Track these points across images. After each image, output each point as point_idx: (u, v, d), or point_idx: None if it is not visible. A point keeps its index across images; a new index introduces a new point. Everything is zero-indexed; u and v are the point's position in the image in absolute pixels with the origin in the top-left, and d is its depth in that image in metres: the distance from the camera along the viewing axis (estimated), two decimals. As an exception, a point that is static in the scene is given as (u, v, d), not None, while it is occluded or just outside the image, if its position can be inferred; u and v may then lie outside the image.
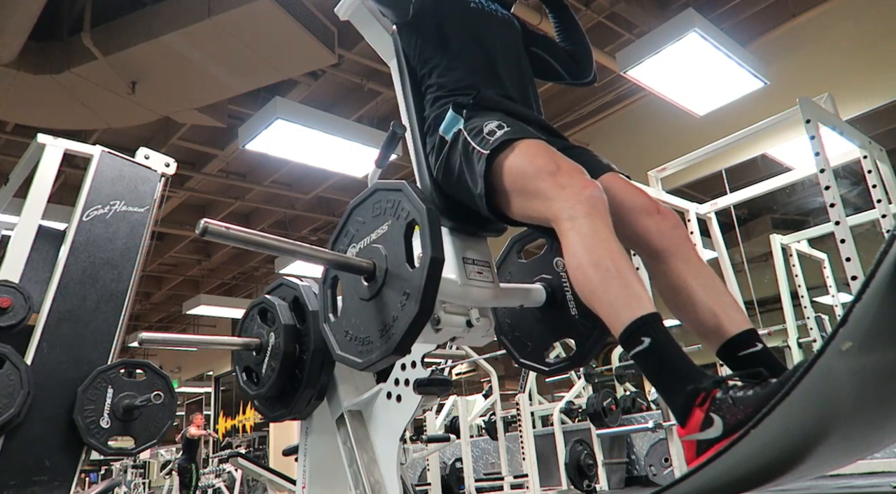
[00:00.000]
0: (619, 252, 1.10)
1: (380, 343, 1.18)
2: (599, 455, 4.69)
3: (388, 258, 1.20)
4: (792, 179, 3.72)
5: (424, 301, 1.12)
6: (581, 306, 1.52)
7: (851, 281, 2.46)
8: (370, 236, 1.27)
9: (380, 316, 1.20)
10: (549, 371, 1.62)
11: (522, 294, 1.54)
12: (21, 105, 4.89)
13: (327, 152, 5.34)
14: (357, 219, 1.32)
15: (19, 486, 2.10)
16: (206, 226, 1.01)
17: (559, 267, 1.57)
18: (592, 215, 1.13)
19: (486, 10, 1.61)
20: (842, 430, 0.93)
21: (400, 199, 1.22)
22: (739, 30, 5.02)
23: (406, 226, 1.18)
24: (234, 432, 11.55)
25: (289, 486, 4.15)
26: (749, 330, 1.16)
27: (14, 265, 2.35)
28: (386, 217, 1.24)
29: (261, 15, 4.11)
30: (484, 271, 1.43)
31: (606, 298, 1.07)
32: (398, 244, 1.19)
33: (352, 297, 1.28)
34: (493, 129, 1.32)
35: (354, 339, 1.25)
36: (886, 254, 0.72)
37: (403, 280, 1.16)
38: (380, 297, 1.20)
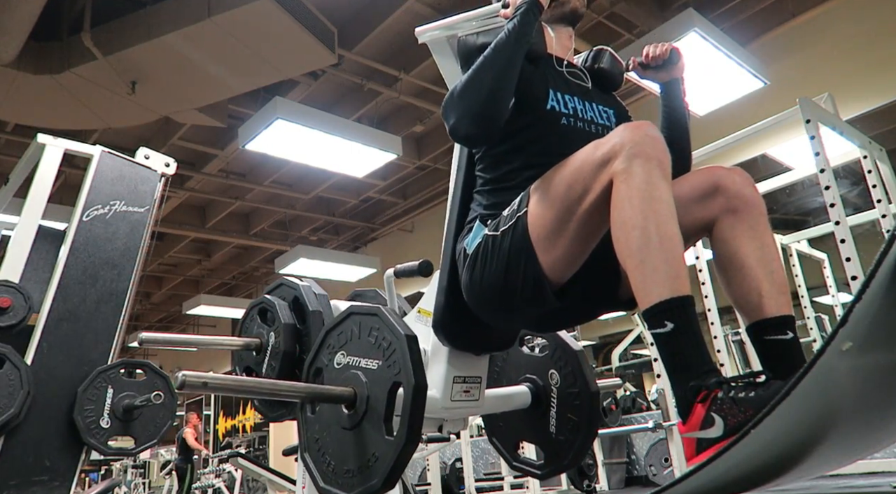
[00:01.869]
0: (668, 216, 1.03)
1: (365, 476, 1.12)
2: (599, 455, 4.69)
3: (368, 385, 1.16)
4: (792, 179, 3.72)
5: (410, 431, 1.07)
6: (561, 425, 1.55)
7: (851, 281, 2.46)
8: (350, 359, 1.22)
9: (362, 447, 1.14)
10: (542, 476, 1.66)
11: (506, 401, 1.56)
12: (21, 105, 4.88)
13: (327, 152, 5.34)
14: (330, 342, 1.27)
15: (19, 486, 2.10)
16: (183, 380, 1.00)
17: (552, 380, 1.59)
18: (651, 160, 1.04)
19: (579, 127, 1.35)
20: (842, 430, 0.93)
21: (378, 326, 1.17)
22: (739, 30, 5.02)
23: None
24: (234, 432, 11.54)
25: (289, 486, 4.15)
26: (787, 315, 1.13)
27: (14, 265, 2.35)
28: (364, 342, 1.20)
29: (261, 15, 4.11)
30: (472, 389, 1.40)
31: (642, 267, 1.02)
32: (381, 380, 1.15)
33: (332, 426, 1.22)
34: (512, 204, 1.23)
35: (337, 472, 1.19)
36: (886, 254, 0.72)
37: (385, 411, 1.12)
38: (360, 429, 1.15)
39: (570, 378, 1.58)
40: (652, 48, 1.42)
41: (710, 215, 1.21)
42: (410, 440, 1.07)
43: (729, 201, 1.19)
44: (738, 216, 1.18)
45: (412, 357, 1.09)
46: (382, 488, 1.09)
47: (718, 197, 1.20)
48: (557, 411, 1.55)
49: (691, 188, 1.22)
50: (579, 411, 1.55)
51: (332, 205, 8.10)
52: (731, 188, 1.20)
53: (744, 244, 1.17)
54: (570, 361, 1.59)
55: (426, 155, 6.81)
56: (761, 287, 1.14)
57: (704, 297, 3.49)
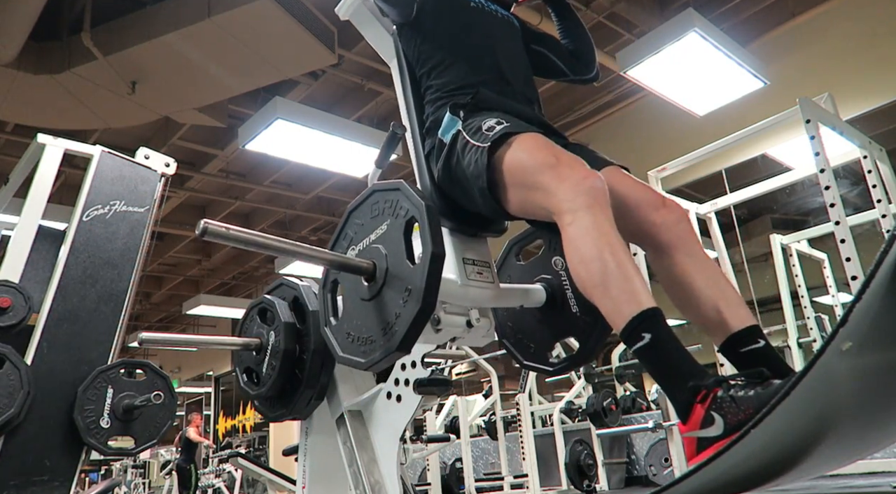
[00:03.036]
0: (619, 246, 1.10)
1: (382, 342, 1.18)
2: (599, 455, 4.69)
3: (388, 257, 1.20)
4: (792, 179, 3.72)
5: (426, 297, 1.11)
6: (582, 303, 1.52)
7: (851, 281, 2.46)
8: (369, 237, 1.26)
9: (381, 315, 1.19)
10: (553, 371, 1.62)
11: (522, 294, 1.53)
12: (21, 105, 4.89)
13: (327, 152, 5.34)
14: (356, 221, 1.32)
15: (19, 486, 2.10)
16: (205, 227, 1.00)
17: (558, 266, 1.56)
18: (593, 207, 1.12)
19: (486, 10, 1.61)
20: (842, 430, 0.93)
21: (398, 198, 1.21)
22: (739, 30, 5.02)
23: (405, 225, 1.18)
24: (234, 432, 11.54)
25: (289, 486, 4.15)
26: (752, 326, 1.17)
27: (14, 265, 2.35)
28: (385, 217, 1.24)
29: (261, 15, 4.11)
30: (484, 271, 1.43)
31: (607, 293, 1.07)
32: (398, 242, 1.19)
33: (352, 298, 1.28)
34: (491, 126, 1.33)
35: (356, 340, 1.24)
36: (886, 254, 0.72)
37: (404, 278, 1.16)
38: (381, 297, 1.20)
39: None
40: None
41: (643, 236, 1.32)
42: (428, 297, 1.10)
43: (664, 237, 1.29)
44: (675, 249, 1.28)
45: (431, 224, 1.13)
46: (398, 350, 1.14)
47: (654, 230, 1.30)
48: (574, 291, 1.51)
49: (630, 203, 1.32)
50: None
51: (332, 205, 8.10)
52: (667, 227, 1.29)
53: (688, 272, 1.25)
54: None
55: (426, 155, 6.80)
56: (718, 305, 1.20)
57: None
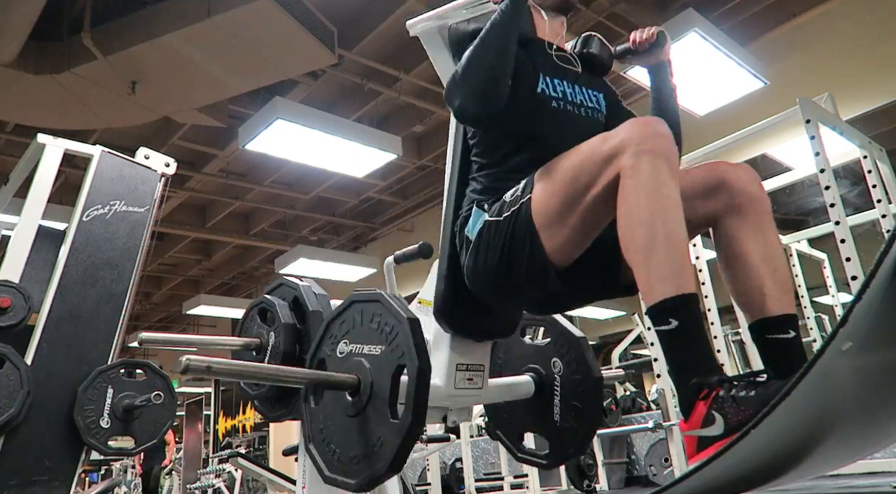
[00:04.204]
0: (674, 213, 1.02)
1: (369, 463, 1.12)
2: (599, 455, 4.69)
3: (372, 371, 1.15)
4: (792, 179, 3.72)
5: (414, 421, 1.07)
6: (565, 412, 1.53)
7: (851, 281, 2.46)
8: (351, 348, 1.22)
9: (366, 434, 1.14)
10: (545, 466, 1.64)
11: (509, 390, 1.55)
12: (21, 105, 4.88)
13: (327, 152, 5.34)
14: (333, 332, 1.27)
15: (19, 486, 2.10)
16: (187, 365, 0.98)
17: (555, 368, 1.57)
18: (658, 157, 1.04)
19: (569, 110, 1.36)
20: (842, 430, 0.93)
21: (380, 312, 1.17)
22: (739, 30, 5.02)
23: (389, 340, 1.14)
24: (234, 432, 11.54)
25: (289, 486, 4.15)
26: (790, 315, 1.13)
27: (14, 265, 2.35)
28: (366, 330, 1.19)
29: (261, 15, 4.11)
30: (475, 377, 1.40)
31: (647, 263, 1.02)
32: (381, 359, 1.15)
33: (336, 411, 1.22)
34: (515, 189, 1.24)
35: (342, 459, 1.19)
36: (886, 254, 0.72)
37: (391, 395, 1.11)
38: (365, 414, 1.15)
39: (573, 365, 1.57)
40: (639, 33, 1.44)
41: (713, 211, 1.20)
42: (415, 422, 1.07)
43: (733, 198, 1.18)
44: (742, 214, 1.18)
45: (415, 339, 1.09)
46: (388, 472, 1.09)
47: (722, 193, 1.19)
48: (561, 399, 1.53)
49: (695, 182, 1.21)
50: (583, 398, 1.53)
51: (332, 205, 8.10)
52: (737, 185, 1.19)
53: (748, 242, 1.16)
54: (573, 348, 1.58)
55: (426, 155, 6.81)
56: (764, 285, 1.13)
57: (704, 297, 3.49)
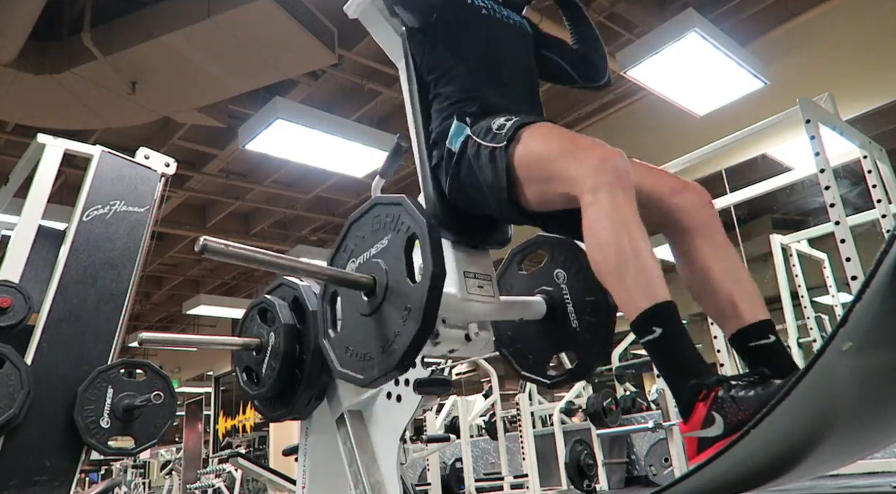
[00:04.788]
0: (638, 232, 1.07)
1: (381, 359, 1.16)
2: (599, 455, 4.69)
3: (388, 273, 1.18)
4: (792, 179, 3.71)
5: (426, 317, 1.09)
6: (582, 317, 1.51)
7: (851, 281, 2.46)
8: (370, 251, 1.25)
9: (380, 332, 1.17)
10: (550, 384, 1.61)
11: (522, 307, 1.53)
12: (21, 105, 4.88)
13: (327, 152, 5.34)
14: (356, 233, 1.30)
15: (19, 486, 2.10)
16: (205, 244, 0.99)
17: (560, 278, 1.55)
18: (615, 187, 1.09)
19: (497, 17, 1.56)
20: (842, 430, 0.93)
21: (399, 213, 1.20)
22: (739, 30, 5.01)
23: (406, 241, 1.16)
24: (234, 432, 11.54)
25: (289, 486, 4.15)
26: (765, 320, 1.15)
27: (14, 265, 2.35)
28: (385, 231, 1.22)
29: (261, 15, 4.11)
30: (485, 285, 1.41)
31: (622, 281, 1.06)
32: (398, 258, 1.17)
33: (351, 313, 1.26)
34: (501, 123, 1.31)
35: (355, 355, 1.23)
36: (886, 254, 0.72)
37: (404, 295, 1.14)
38: (380, 313, 1.18)
39: (575, 269, 1.54)
40: None
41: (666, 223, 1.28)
42: (427, 319, 1.09)
43: (687, 222, 1.26)
44: (696, 234, 1.24)
45: (432, 241, 1.11)
46: (397, 368, 1.13)
47: (677, 215, 1.26)
48: (574, 305, 1.51)
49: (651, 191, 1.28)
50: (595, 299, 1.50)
51: (332, 205, 8.10)
52: (690, 211, 1.26)
53: (707, 260, 1.22)
54: (571, 255, 1.56)
55: (426, 155, 6.80)
56: (733, 297, 1.18)
57: (704, 297, 3.48)
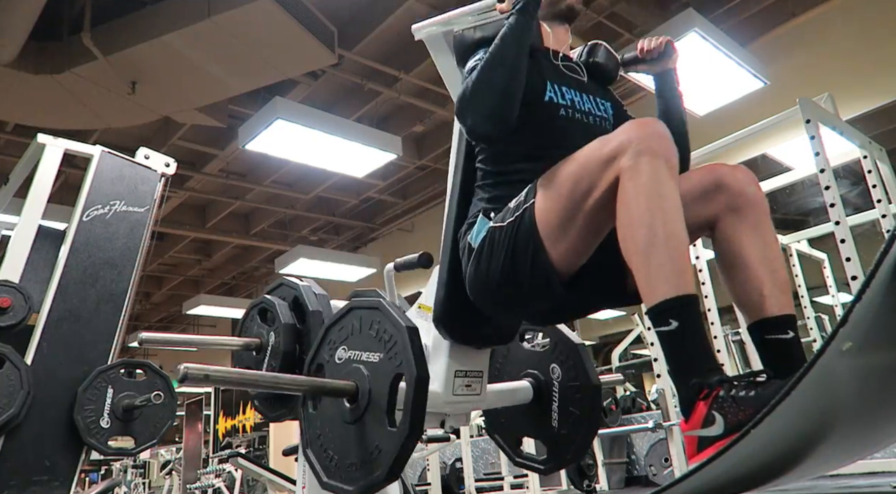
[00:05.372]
0: (674, 214, 1.03)
1: (367, 470, 1.12)
2: (599, 455, 4.69)
3: (370, 378, 1.16)
4: (792, 179, 3.72)
5: (413, 425, 1.07)
6: (564, 421, 1.53)
7: (851, 281, 2.46)
8: (350, 354, 1.22)
9: (364, 441, 1.14)
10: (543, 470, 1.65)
11: (507, 396, 1.55)
12: (21, 105, 4.88)
13: (327, 152, 5.34)
14: (331, 337, 1.27)
15: (19, 486, 2.10)
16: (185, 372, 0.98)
17: (553, 374, 1.58)
18: (657, 156, 1.04)
19: (576, 118, 1.35)
20: (842, 430, 0.93)
21: (379, 319, 1.17)
22: (739, 30, 5.01)
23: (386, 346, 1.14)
24: (234, 432, 11.54)
25: (289, 486, 4.15)
26: (789, 315, 1.13)
27: (14, 265, 2.35)
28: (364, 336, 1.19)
29: (261, 15, 4.11)
30: (473, 383, 1.40)
31: (647, 265, 1.02)
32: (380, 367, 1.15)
33: (333, 417, 1.22)
34: (519, 197, 1.23)
35: (340, 466, 1.19)
36: (886, 254, 0.72)
37: (388, 402, 1.12)
38: (363, 421, 1.15)
39: (572, 371, 1.57)
40: (647, 42, 1.44)
41: (712, 213, 1.21)
42: (413, 430, 1.07)
43: (731, 199, 1.19)
44: (740, 214, 1.18)
45: (413, 348, 1.09)
46: (386, 480, 1.09)
47: (721, 195, 1.19)
48: (559, 405, 1.54)
49: (693, 185, 1.21)
50: (581, 405, 1.54)
51: (332, 205, 8.09)
52: (734, 186, 1.19)
53: (746, 243, 1.16)
54: (572, 355, 1.58)
55: (426, 155, 6.81)
56: (763, 286, 1.13)
57: (705, 297, 3.49)
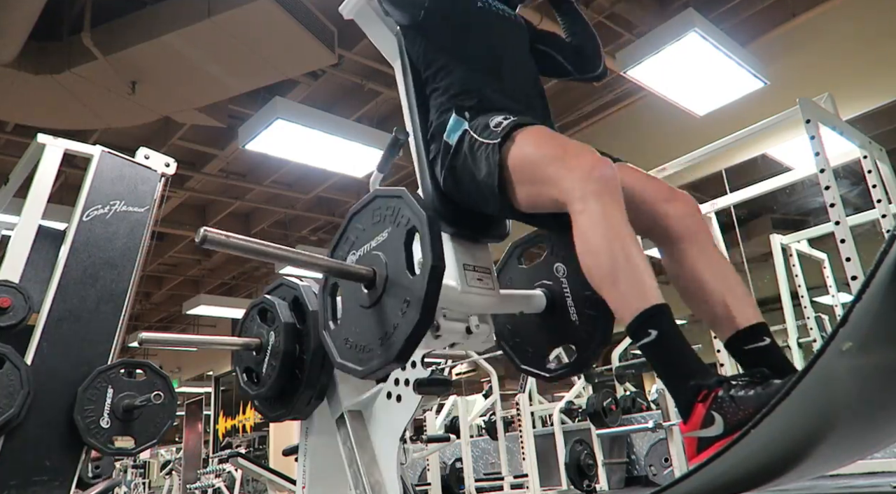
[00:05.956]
0: (629, 238, 1.09)
1: (380, 351, 1.17)
2: (599, 455, 4.69)
3: (388, 265, 1.19)
4: (792, 179, 3.71)
5: (425, 309, 1.10)
6: (582, 311, 1.51)
7: (851, 281, 2.46)
8: (370, 243, 1.25)
9: (380, 323, 1.18)
10: (549, 377, 1.62)
11: (522, 300, 1.53)
12: (21, 105, 4.88)
13: (327, 152, 5.34)
14: (357, 225, 1.31)
15: (19, 486, 2.10)
16: (205, 235, 0.99)
17: (559, 272, 1.56)
18: (603, 195, 1.11)
19: (493, 11, 1.57)
20: (842, 430, 0.93)
21: (399, 206, 1.21)
22: (739, 30, 5.01)
23: (406, 234, 1.17)
24: (234, 432, 11.54)
25: (289, 486, 4.15)
26: (759, 323, 1.16)
27: (14, 265, 2.35)
28: (386, 224, 1.23)
29: (261, 15, 4.11)
30: (484, 278, 1.42)
31: (615, 286, 1.07)
32: (398, 251, 1.18)
33: (351, 305, 1.27)
34: (499, 121, 1.32)
35: (354, 347, 1.24)
36: (886, 254, 0.72)
37: (404, 287, 1.15)
38: (380, 305, 1.19)
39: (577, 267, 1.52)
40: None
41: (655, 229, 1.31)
42: (426, 312, 1.09)
43: (676, 229, 1.27)
44: (686, 242, 1.26)
45: (432, 235, 1.12)
46: (397, 359, 1.13)
47: (666, 221, 1.29)
48: (574, 299, 1.51)
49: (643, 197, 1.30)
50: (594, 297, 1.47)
51: (332, 205, 8.10)
52: (679, 219, 1.28)
53: (697, 267, 1.24)
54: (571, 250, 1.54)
55: (426, 155, 6.80)
56: (725, 301, 1.19)
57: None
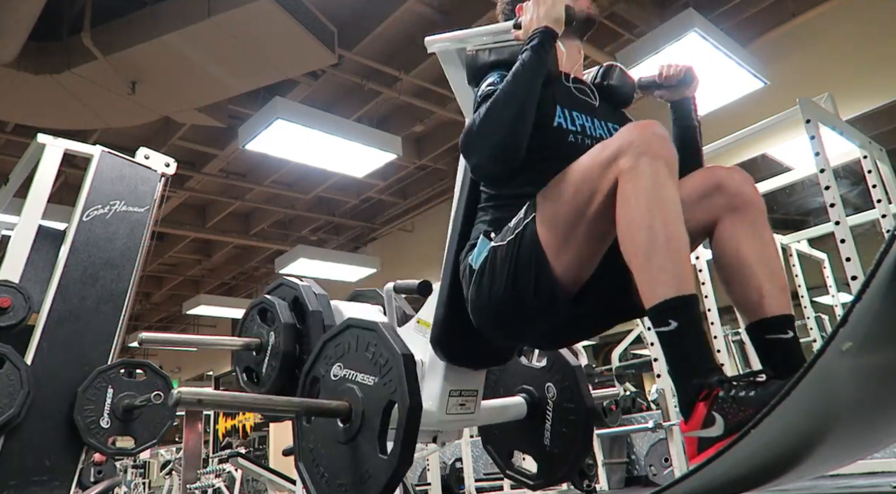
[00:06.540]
0: (674, 215, 1.02)
1: (358, 492, 1.12)
2: (599, 455, 4.69)
3: (364, 400, 1.15)
4: (792, 179, 3.72)
5: (404, 453, 1.07)
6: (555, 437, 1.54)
7: (851, 281, 2.46)
8: (345, 372, 1.21)
9: (356, 464, 1.14)
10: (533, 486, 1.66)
11: (500, 412, 1.57)
12: (21, 105, 4.88)
13: (327, 152, 5.34)
14: (328, 353, 1.27)
15: (19, 486, 2.10)
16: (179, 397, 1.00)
17: (549, 393, 1.59)
18: (657, 157, 1.04)
19: (585, 146, 1.26)
20: (842, 430, 0.93)
21: (375, 342, 1.17)
22: (739, 30, 5.01)
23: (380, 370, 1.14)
24: (234, 432, 11.54)
25: (289, 486, 4.15)
26: (787, 315, 1.13)
27: (14, 265, 2.35)
28: (360, 357, 1.19)
29: (261, 15, 4.10)
30: (468, 402, 1.40)
31: (647, 266, 1.02)
32: (374, 391, 1.15)
33: (326, 435, 1.22)
34: (519, 214, 1.21)
35: (331, 484, 1.19)
36: (886, 254, 0.72)
37: (381, 425, 1.11)
38: (356, 442, 1.14)
39: (567, 392, 1.59)
40: (667, 67, 1.41)
41: (712, 216, 1.20)
42: (404, 460, 1.07)
43: (729, 200, 1.19)
44: (737, 215, 1.18)
45: (408, 377, 1.09)
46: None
47: (718, 196, 1.20)
48: (552, 424, 1.55)
49: (692, 189, 1.21)
50: (574, 426, 1.55)
51: (332, 205, 8.09)
52: (731, 187, 1.19)
53: (744, 243, 1.16)
54: (568, 376, 1.60)
55: (426, 155, 6.80)
56: (762, 286, 1.13)
57: (705, 297, 3.49)
